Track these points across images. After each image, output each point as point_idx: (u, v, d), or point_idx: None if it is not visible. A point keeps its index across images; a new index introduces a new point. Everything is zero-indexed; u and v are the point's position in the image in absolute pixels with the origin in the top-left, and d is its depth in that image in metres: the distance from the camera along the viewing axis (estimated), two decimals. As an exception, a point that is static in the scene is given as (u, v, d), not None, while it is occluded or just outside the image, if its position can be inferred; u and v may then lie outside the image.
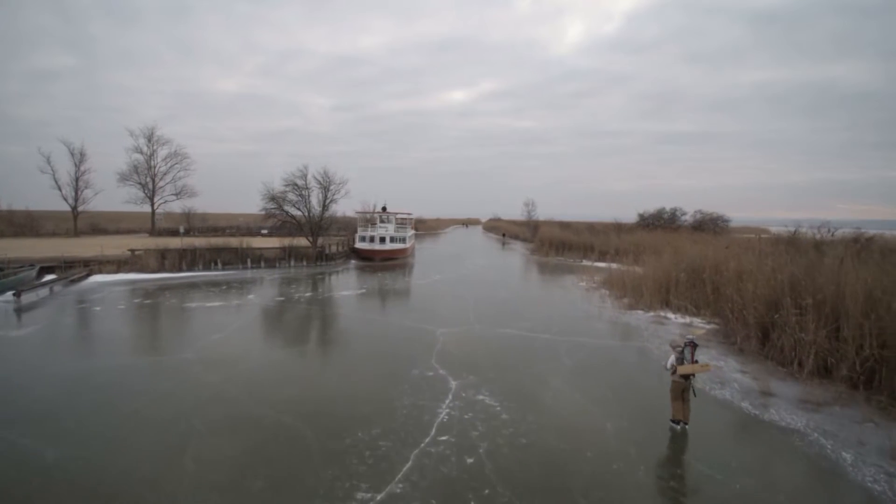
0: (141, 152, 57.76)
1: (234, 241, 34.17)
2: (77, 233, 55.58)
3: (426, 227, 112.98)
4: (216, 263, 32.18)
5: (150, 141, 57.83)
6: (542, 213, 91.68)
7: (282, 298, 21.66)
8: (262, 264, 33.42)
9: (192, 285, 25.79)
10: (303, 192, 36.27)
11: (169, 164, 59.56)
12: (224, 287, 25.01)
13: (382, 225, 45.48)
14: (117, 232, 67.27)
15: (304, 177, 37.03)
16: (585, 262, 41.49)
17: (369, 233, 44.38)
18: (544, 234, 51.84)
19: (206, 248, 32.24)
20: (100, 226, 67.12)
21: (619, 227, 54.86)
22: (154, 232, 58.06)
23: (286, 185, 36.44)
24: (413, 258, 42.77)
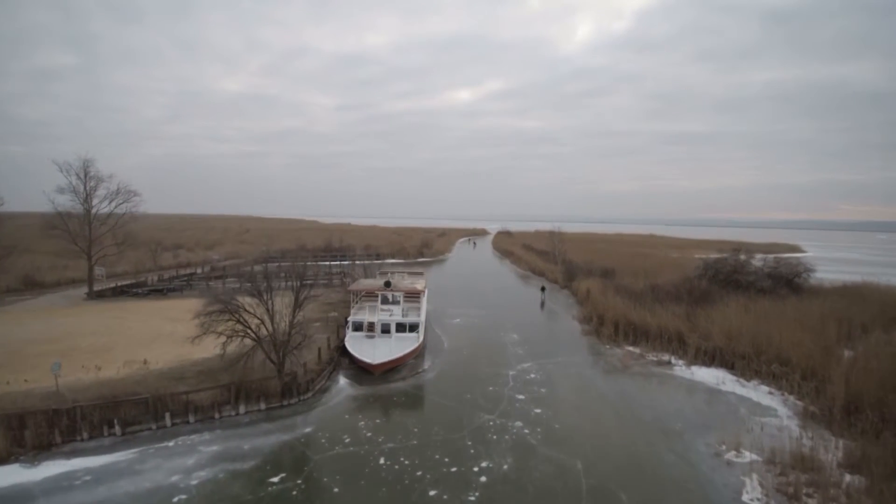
0: (74, 192, 44.96)
1: (150, 374, 21.41)
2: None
3: (433, 252, 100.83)
4: (111, 426, 19.60)
5: (84, 178, 45.02)
6: (545, 215, 79.77)
7: None
8: (191, 419, 20.75)
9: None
10: (265, 296, 23.27)
11: (110, 206, 46.84)
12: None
13: (385, 307, 32.80)
14: (57, 284, 54.60)
15: (265, 263, 24.14)
16: (678, 368, 28.77)
17: (367, 318, 31.71)
18: (602, 308, 39.16)
19: (95, 405, 19.60)
20: (35, 278, 54.31)
21: (690, 290, 42.05)
22: (92, 294, 45.48)
23: (240, 280, 23.64)
24: (425, 359, 29.99)
